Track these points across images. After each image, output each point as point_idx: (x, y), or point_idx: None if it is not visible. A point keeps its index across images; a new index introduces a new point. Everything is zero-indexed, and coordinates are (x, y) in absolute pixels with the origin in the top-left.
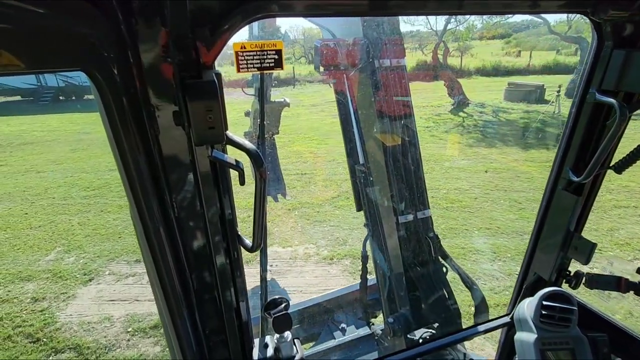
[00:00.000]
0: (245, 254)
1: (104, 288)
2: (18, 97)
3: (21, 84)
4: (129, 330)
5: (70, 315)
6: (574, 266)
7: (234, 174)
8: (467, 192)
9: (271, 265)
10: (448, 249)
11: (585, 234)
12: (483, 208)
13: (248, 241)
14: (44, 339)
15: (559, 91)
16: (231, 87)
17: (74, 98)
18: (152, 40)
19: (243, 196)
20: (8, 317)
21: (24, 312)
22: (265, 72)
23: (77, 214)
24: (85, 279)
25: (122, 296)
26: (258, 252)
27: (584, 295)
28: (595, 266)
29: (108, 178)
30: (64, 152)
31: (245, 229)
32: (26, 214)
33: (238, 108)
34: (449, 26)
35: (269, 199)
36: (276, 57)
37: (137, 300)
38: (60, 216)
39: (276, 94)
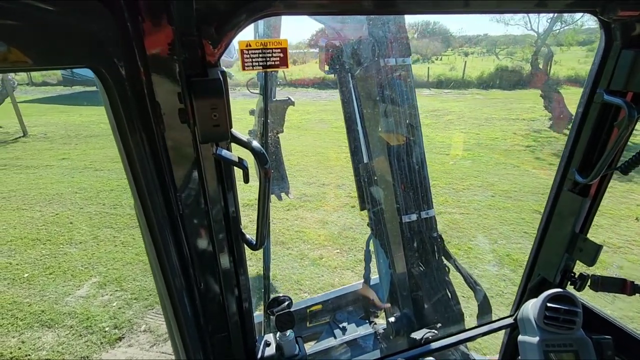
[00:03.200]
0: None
1: (133, 355)
2: (94, 88)
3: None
4: None
5: None
6: (578, 268)
7: (238, 171)
8: (621, 250)
9: None
10: None
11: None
12: None
13: (252, 239)
14: None
15: None
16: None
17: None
18: (158, 38)
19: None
20: None
21: None
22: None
23: (124, 230)
24: (114, 334)
25: None
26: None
27: (589, 297)
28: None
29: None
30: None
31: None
32: (71, 223)
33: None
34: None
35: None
36: (281, 55)
37: None
38: (105, 230)
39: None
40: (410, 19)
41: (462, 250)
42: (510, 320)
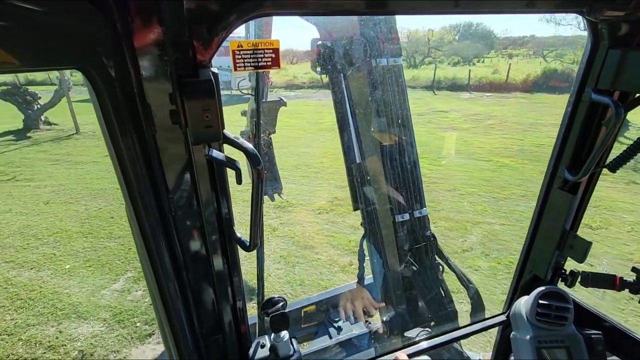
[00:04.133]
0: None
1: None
2: None
3: None
4: None
5: None
6: (569, 265)
7: (231, 172)
8: None
9: None
10: None
11: None
12: None
13: (245, 240)
14: None
15: None
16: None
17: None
18: (149, 38)
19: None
20: None
21: None
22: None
23: None
24: (144, 330)
25: None
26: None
27: (579, 293)
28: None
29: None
30: None
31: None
32: (112, 217)
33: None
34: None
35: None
36: (273, 55)
37: None
38: None
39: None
40: (451, 21)
41: (502, 265)
42: (503, 318)
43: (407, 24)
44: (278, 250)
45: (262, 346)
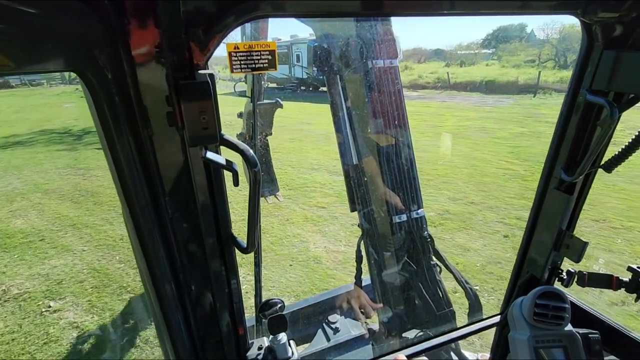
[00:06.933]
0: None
1: None
2: (274, 85)
3: (277, 74)
4: None
5: None
6: (565, 265)
7: (228, 174)
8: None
9: None
10: None
11: None
12: None
13: (242, 242)
14: None
15: None
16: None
17: (310, 89)
18: (145, 40)
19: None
20: None
21: None
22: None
23: (238, 222)
24: None
25: None
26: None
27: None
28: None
29: (308, 178)
30: (283, 140)
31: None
32: None
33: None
34: None
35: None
36: (269, 57)
37: None
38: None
39: (509, 102)
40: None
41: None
42: (500, 318)
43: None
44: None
45: (260, 348)
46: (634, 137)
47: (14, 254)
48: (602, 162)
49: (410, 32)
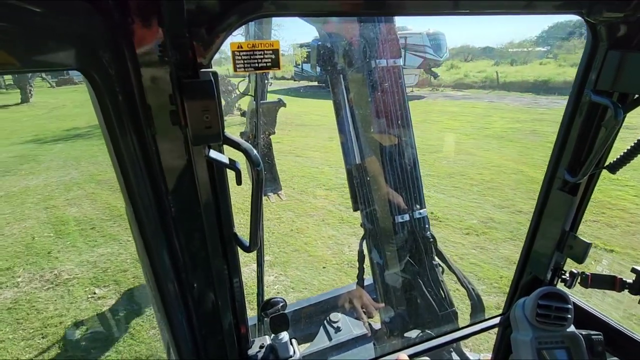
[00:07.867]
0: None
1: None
2: (316, 83)
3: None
4: None
5: None
6: (569, 266)
7: (231, 173)
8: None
9: None
10: None
11: None
12: None
13: (245, 241)
14: None
15: None
16: None
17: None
18: (149, 39)
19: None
20: None
21: None
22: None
23: (301, 216)
24: None
25: None
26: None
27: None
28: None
29: (344, 178)
30: (323, 139)
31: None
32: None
33: None
34: None
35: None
36: (273, 57)
37: None
38: (287, 213)
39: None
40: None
41: None
42: (503, 319)
43: None
44: None
45: (262, 347)
46: (639, 138)
47: (67, 241)
48: (607, 163)
49: (457, 29)
